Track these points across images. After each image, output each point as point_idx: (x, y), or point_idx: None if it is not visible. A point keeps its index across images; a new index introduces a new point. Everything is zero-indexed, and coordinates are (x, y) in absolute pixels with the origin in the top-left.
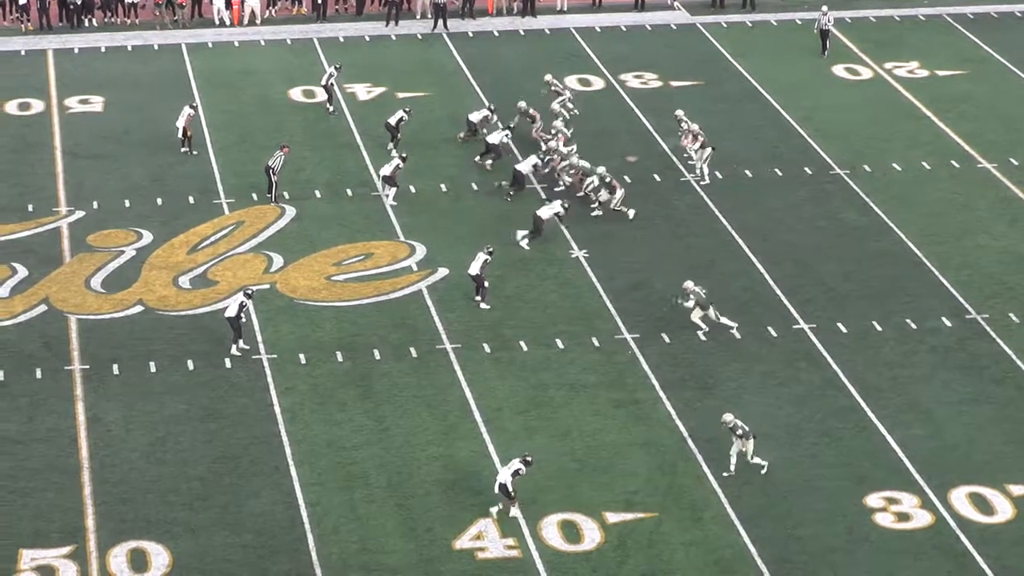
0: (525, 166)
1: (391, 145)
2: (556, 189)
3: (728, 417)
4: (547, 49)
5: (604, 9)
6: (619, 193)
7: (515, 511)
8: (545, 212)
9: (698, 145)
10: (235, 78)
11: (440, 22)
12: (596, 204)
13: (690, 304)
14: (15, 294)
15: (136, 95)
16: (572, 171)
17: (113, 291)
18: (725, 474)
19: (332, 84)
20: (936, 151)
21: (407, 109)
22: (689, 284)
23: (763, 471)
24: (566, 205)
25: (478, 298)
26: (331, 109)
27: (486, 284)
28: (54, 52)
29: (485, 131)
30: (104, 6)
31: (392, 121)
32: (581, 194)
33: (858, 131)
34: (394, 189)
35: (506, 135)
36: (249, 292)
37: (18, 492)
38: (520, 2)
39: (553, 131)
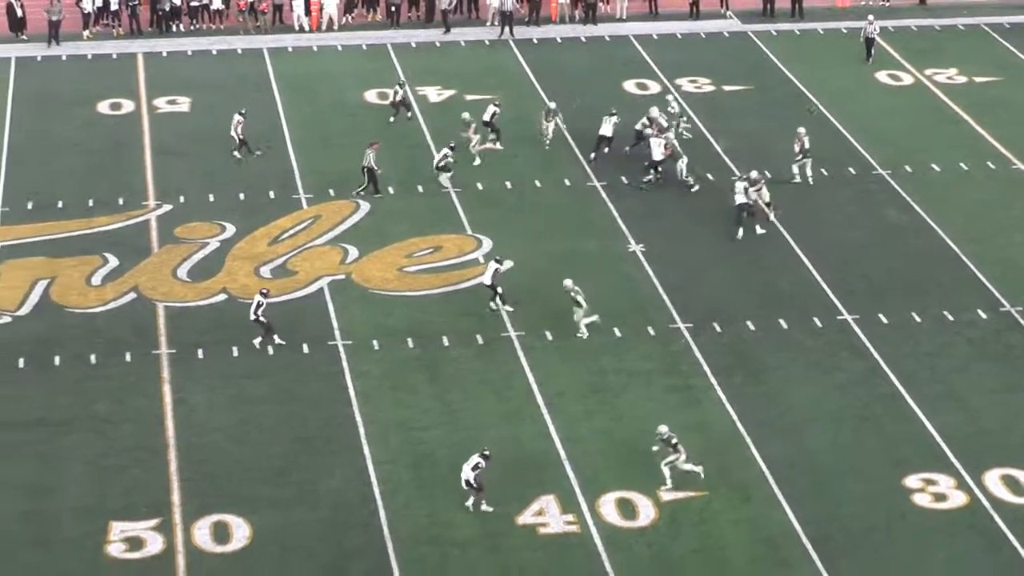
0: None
1: (493, 137)
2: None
3: (663, 429)
4: (607, 55)
5: (661, 17)
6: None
7: (485, 505)
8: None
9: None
10: (313, 81)
11: (507, 29)
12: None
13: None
14: (107, 282)
15: (220, 96)
16: (666, 146)
17: (198, 280)
18: (664, 489)
19: (401, 97)
20: (973, 153)
21: (496, 103)
22: (568, 283)
23: (701, 476)
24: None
25: (493, 306)
26: (409, 115)
27: (499, 290)
28: (144, 55)
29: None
30: (191, 12)
31: (487, 118)
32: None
33: (900, 134)
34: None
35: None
36: (265, 292)
37: (109, 468)
38: (582, 11)
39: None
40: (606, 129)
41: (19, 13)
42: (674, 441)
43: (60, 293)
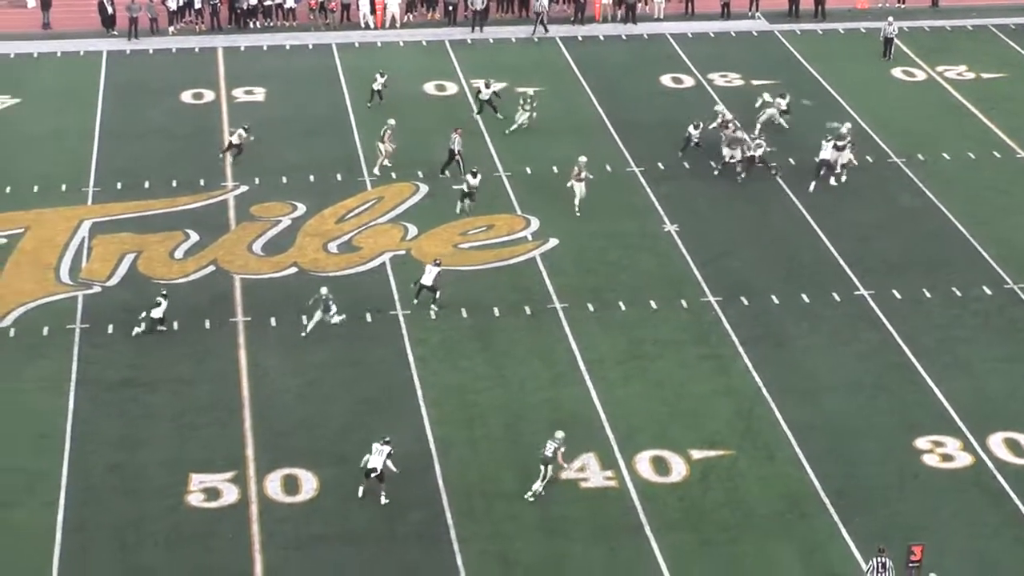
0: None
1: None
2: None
3: (559, 434)
4: (645, 51)
5: (695, 18)
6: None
7: (384, 499)
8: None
9: None
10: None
11: (540, 27)
12: (774, 168)
13: (325, 314)
14: (188, 256)
15: (293, 87)
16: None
17: (272, 254)
18: (529, 495)
19: (381, 88)
20: (980, 143)
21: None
22: (324, 290)
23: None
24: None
25: (434, 309)
26: (368, 105)
27: (438, 295)
28: (223, 50)
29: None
30: (266, 11)
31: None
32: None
33: (913, 125)
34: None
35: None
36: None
37: (188, 425)
38: (623, 11)
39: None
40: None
41: (109, 11)
42: (561, 450)
43: (146, 265)
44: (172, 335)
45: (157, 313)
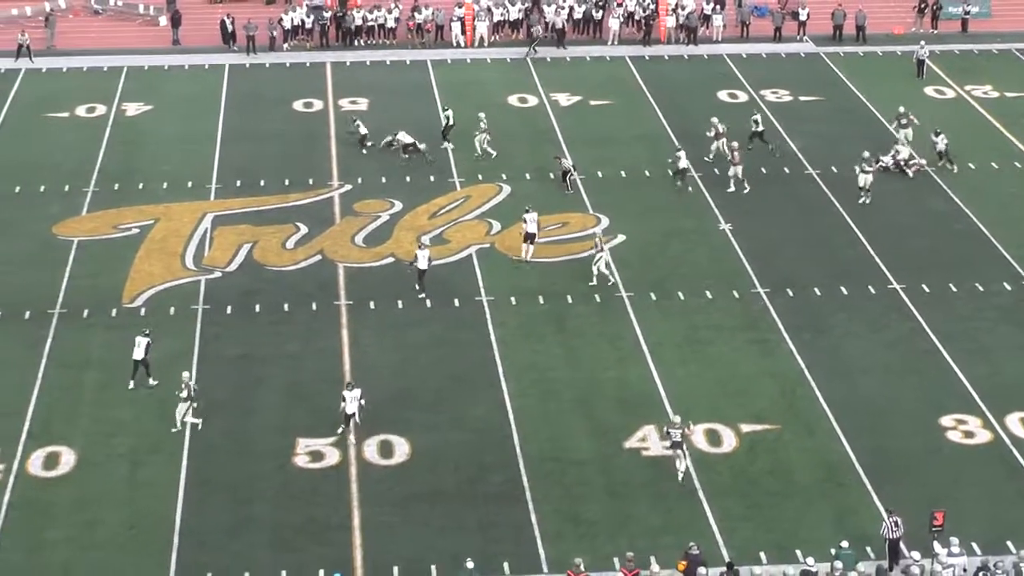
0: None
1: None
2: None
3: (677, 419)
4: (705, 70)
5: (749, 40)
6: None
7: (352, 438)
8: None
9: None
10: (467, 88)
11: (531, 50)
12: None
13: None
14: (298, 246)
15: (392, 98)
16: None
17: (372, 246)
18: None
19: (356, 129)
20: (1003, 155)
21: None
22: (185, 376)
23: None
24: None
25: (418, 288)
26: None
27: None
28: (331, 64)
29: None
30: (369, 30)
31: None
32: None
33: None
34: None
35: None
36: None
37: (296, 395)
38: (685, 33)
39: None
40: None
41: (229, 28)
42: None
43: (261, 254)
44: (282, 315)
45: (138, 354)
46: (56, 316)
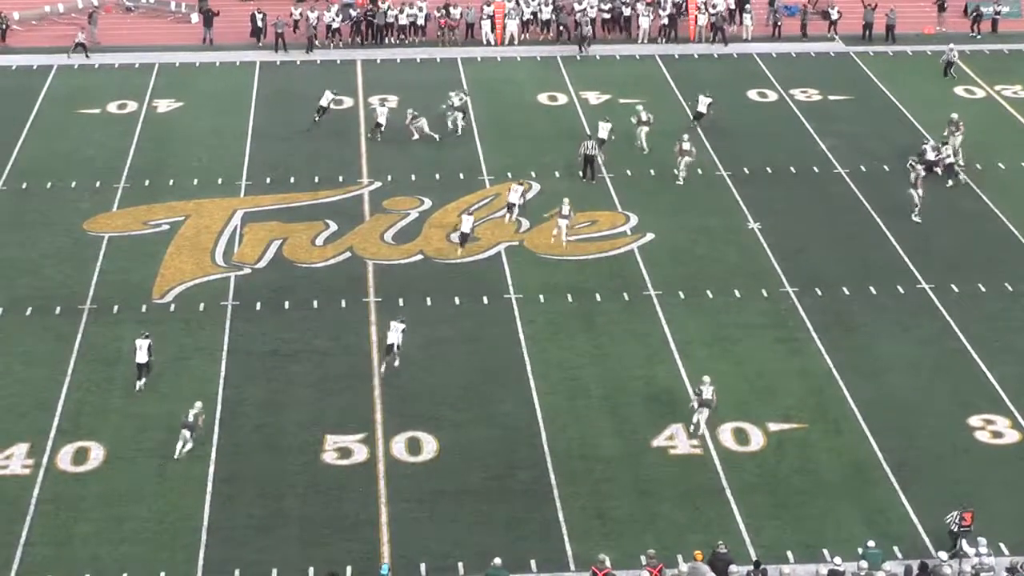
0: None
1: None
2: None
3: (707, 378)
4: (734, 69)
5: (779, 40)
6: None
7: (397, 361)
8: None
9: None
10: (497, 85)
11: (583, 47)
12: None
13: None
14: (328, 243)
15: (423, 96)
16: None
17: (401, 243)
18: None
19: (329, 105)
20: None
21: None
22: (198, 406)
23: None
24: None
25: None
26: (316, 119)
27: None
28: (361, 62)
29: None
30: (400, 28)
31: (603, 135)
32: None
33: (972, 137)
34: None
35: None
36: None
37: (325, 391)
38: (713, 32)
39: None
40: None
41: (259, 24)
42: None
43: (291, 251)
44: (311, 312)
45: (141, 357)
46: (87, 312)
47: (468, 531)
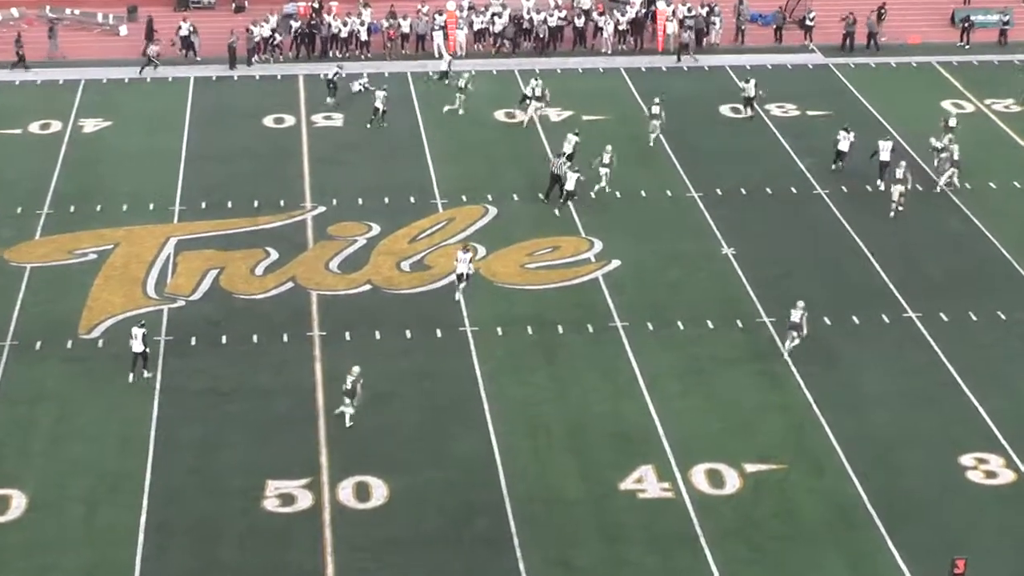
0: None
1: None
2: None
3: (800, 303)
4: (706, 83)
5: (754, 52)
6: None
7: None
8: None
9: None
10: (449, 101)
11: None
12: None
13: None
14: (268, 273)
15: (370, 113)
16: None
17: (348, 272)
18: None
19: (336, 78)
20: None
21: (577, 132)
22: (356, 370)
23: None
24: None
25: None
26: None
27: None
28: (304, 77)
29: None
30: (343, 42)
31: (568, 149)
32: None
33: (962, 154)
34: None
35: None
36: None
37: (267, 433)
38: (678, 46)
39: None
40: (843, 145)
41: (186, 34)
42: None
43: (228, 281)
44: (251, 347)
45: (137, 347)
46: (7, 348)
47: None
